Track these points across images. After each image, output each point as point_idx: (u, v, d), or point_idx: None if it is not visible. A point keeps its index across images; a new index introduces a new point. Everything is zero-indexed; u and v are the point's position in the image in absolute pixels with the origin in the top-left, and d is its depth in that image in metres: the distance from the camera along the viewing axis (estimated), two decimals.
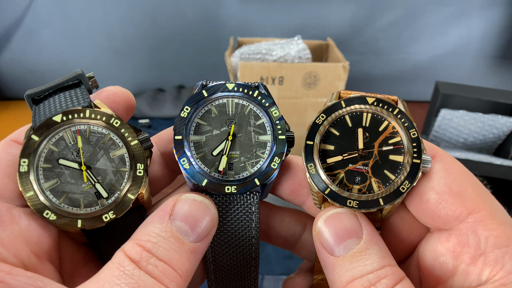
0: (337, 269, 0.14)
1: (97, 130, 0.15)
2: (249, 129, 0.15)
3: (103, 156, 0.15)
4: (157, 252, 0.13)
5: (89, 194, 0.14)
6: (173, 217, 0.14)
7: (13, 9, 0.78)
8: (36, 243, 0.14)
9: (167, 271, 0.13)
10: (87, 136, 0.15)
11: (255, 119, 0.16)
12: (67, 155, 0.14)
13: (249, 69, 0.53)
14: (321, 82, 0.56)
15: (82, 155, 0.14)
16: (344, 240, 0.14)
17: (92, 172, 0.14)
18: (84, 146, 0.15)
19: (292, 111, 0.59)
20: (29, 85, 0.90)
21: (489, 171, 0.49)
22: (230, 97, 0.16)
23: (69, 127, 0.15)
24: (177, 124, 0.16)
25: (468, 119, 0.55)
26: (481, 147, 0.57)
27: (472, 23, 0.77)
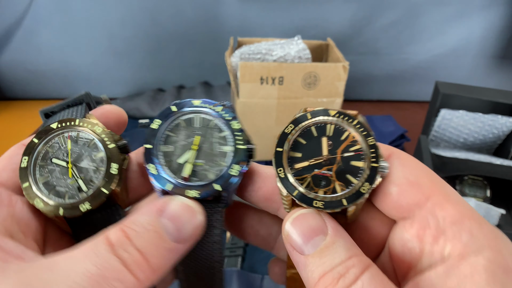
0: (309, 266, 0.15)
1: (84, 136, 0.18)
2: (212, 141, 0.17)
3: (87, 157, 0.18)
4: (136, 241, 0.14)
5: (73, 188, 0.17)
6: (163, 214, 0.15)
7: (13, 9, 0.78)
8: (26, 224, 0.16)
9: (140, 262, 0.14)
10: (75, 141, 0.18)
11: (218, 132, 0.17)
12: (59, 155, 0.18)
13: (249, 69, 0.53)
14: (321, 82, 0.56)
15: (70, 155, 0.17)
16: (312, 238, 0.15)
17: (77, 170, 0.17)
18: (72, 149, 0.18)
19: (292, 111, 0.58)
20: (29, 85, 0.91)
21: (489, 171, 0.49)
22: (197, 112, 0.17)
23: (62, 133, 0.18)
24: (148, 135, 0.17)
25: (468, 119, 0.55)
26: (481, 147, 0.57)
27: (472, 23, 0.77)
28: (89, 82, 0.90)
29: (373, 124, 0.77)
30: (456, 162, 0.51)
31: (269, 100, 0.56)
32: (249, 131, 0.67)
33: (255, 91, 0.55)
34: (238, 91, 0.56)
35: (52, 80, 0.89)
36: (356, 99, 0.92)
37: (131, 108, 0.81)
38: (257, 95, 0.55)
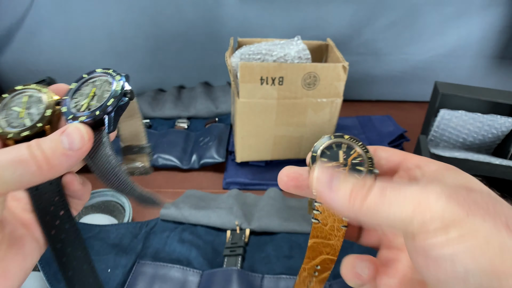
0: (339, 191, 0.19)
1: (36, 94, 0.26)
2: (103, 89, 0.26)
3: (35, 106, 0.26)
4: (44, 146, 0.22)
5: (22, 124, 0.25)
6: (63, 134, 0.23)
7: (14, 10, 0.78)
8: None
9: (42, 159, 0.21)
10: (31, 96, 0.26)
11: (109, 85, 0.27)
12: (18, 105, 0.26)
13: (249, 69, 0.53)
14: (321, 82, 0.56)
15: (25, 104, 0.26)
16: (333, 177, 0.20)
17: (27, 113, 0.26)
18: (27, 101, 0.26)
19: (292, 111, 0.59)
20: None
21: (488, 171, 0.49)
22: (98, 76, 0.27)
23: (23, 91, 0.27)
24: (67, 91, 0.27)
25: (467, 119, 0.55)
26: (480, 147, 0.58)
27: (471, 23, 0.77)
28: None
29: (372, 124, 0.77)
30: (455, 162, 0.51)
31: (269, 100, 0.56)
32: (249, 131, 0.67)
33: (255, 91, 0.55)
34: (238, 91, 0.56)
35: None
36: (356, 99, 0.92)
37: None
38: (257, 95, 0.55)
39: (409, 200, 0.17)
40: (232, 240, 0.48)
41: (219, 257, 0.47)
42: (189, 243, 0.48)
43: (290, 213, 0.53)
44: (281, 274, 0.43)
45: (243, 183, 0.62)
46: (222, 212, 0.52)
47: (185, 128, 0.77)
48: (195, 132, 0.76)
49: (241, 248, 0.47)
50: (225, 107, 0.81)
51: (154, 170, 0.67)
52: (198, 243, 0.48)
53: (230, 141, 0.72)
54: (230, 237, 0.49)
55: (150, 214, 0.56)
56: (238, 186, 0.62)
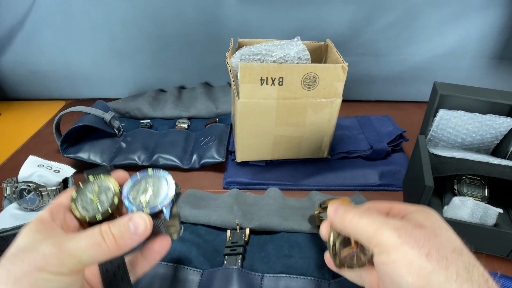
0: (339, 213, 0.31)
1: (105, 184, 0.33)
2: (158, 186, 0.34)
3: (104, 194, 0.32)
4: (113, 230, 0.28)
5: (95, 208, 0.31)
6: (130, 220, 0.29)
7: (15, 10, 0.78)
8: (69, 221, 0.31)
9: (111, 240, 0.27)
10: (100, 186, 0.33)
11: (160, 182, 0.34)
12: (91, 191, 0.33)
13: (249, 70, 0.53)
14: (320, 82, 0.56)
15: (96, 192, 0.32)
16: (338, 208, 0.31)
17: (98, 200, 0.32)
18: (98, 189, 0.33)
19: (291, 112, 0.59)
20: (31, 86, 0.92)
21: (487, 171, 0.50)
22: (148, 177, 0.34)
23: (94, 182, 0.33)
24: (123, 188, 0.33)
25: (466, 119, 0.55)
26: (479, 147, 0.58)
27: (470, 24, 0.77)
28: (90, 83, 0.90)
29: (371, 124, 0.78)
30: (454, 162, 0.52)
31: (269, 101, 0.57)
32: (249, 131, 0.67)
33: (255, 92, 0.55)
34: (238, 92, 0.56)
35: (54, 81, 0.89)
36: (355, 100, 0.92)
37: (132, 108, 0.82)
38: (257, 96, 0.56)
39: (374, 225, 0.27)
40: (233, 239, 0.49)
41: (219, 257, 0.47)
42: (189, 242, 0.48)
43: (290, 212, 0.53)
44: (281, 273, 0.44)
45: (243, 183, 0.63)
46: (223, 211, 0.52)
47: (186, 128, 0.78)
48: (196, 132, 0.76)
49: (241, 247, 0.47)
50: (225, 107, 0.82)
51: None
52: (198, 243, 0.49)
53: (230, 141, 0.72)
54: (230, 236, 0.49)
55: None
56: (238, 186, 0.63)
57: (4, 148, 0.75)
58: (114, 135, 0.73)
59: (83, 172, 0.34)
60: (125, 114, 0.83)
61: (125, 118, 0.83)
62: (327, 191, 0.61)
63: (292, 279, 0.43)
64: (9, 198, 0.56)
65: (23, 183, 0.54)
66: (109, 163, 0.66)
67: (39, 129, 0.82)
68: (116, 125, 0.73)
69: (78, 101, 0.92)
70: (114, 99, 0.88)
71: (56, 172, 0.57)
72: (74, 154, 0.66)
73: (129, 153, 0.68)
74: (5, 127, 0.84)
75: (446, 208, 0.51)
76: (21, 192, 0.54)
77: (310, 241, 0.48)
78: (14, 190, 0.54)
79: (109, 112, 0.72)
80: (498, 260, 0.49)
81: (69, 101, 0.93)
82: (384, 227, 0.26)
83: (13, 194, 0.54)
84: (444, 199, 0.55)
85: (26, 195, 0.54)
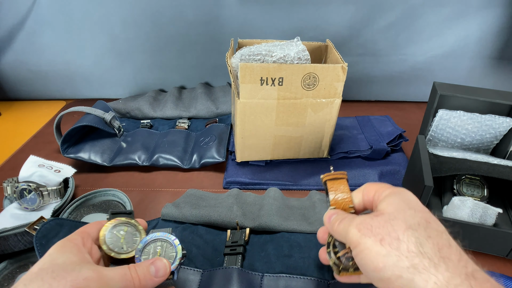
0: (332, 219, 0.34)
1: (131, 226, 0.38)
2: (167, 250, 0.37)
3: (131, 235, 0.37)
4: (138, 271, 0.32)
5: (121, 247, 0.35)
6: (152, 264, 0.33)
7: (15, 11, 0.78)
8: (97, 255, 0.34)
9: (137, 280, 0.31)
10: (129, 226, 0.37)
11: (170, 245, 0.38)
12: (119, 231, 0.37)
13: (249, 70, 0.53)
14: (320, 82, 0.56)
15: (125, 233, 0.37)
16: (331, 216, 0.34)
17: (125, 240, 0.36)
18: (127, 230, 0.37)
19: (291, 112, 0.59)
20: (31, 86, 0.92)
21: (486, 171, 0.50)
22: (157, 239, 0.38)
23: (124, 223, 0.37)
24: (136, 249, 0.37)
25: (465, 119, 0.55)
26: (478, 147, 0.58)
27: (469, 24, 0.78)
28: (91, 83, 0.90)
29: (371, 124, 0.78)
30: (453, 162, 0.52)
31: (269, 101, 0.57)
32: (249, 131, 0.67)
33: (255, 92, 0.55)
34: (238, 92, 0.57)
35: (54, 81, 0.89)
36: (355, 100, 0.92)
37: (133, 108, 0.82)
38: (257, 96, 0.56)
39: (346, 226, 0.31)
40: (233, 239, 0.49)
41: (219, 256, 0.47)
42: (189, 242, 0.49)
43: (290, 212, 0.54)
44: (280, 273, 0.44)
45: (243, 183, 0.63)
46: (223, 211, 0.52)
47: (186, 128, 0.78)
48: (196, 132, 0.76)
49: (241, 247, 0.47)
50: (225, 108, 0.82)
51: (155, 169, 0.68)
52: (198, 242, 0.49)
53: (231, 141, 0.72)
54: (230, 236, 0.50)
55: (151, 213, 0.57)
56: (238, 186, 0.63)
57: (4, 148, 0.75)
58: (115, 135, 0.73)
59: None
60: (125, 114, 0.83)
61: (126, 118, 0.83)
62: None
63: (292, 279, 0.43)
64: (9, 198, 0.56)
65: (24, 183, 0.54)
66: (110, 163, 0.66)
67: (40, 129, 0.82)
68: (116, 125, 0.73)
69: (79, 101, 0.93)
70: (114, 99, 0.89)
71: (56, 172, 0.57)
72: (75, 154, 0.66)
73: (129, 153, 0.68)
74: (5, 127, 0.84)
75: (445, 208, 0.51)
76: (21, 192, 0.54)
77: (310, 241, 0.48)
78: (15, 190, 0.54)
79: (110, 112, 0.72)
80: (497, 260, 0.49)
81: (69, 101, 0.93)
82: (350, 226, 0.30)
83: (13, 194, 0.54)
84: (444, 199, 0.55)
85: (27, 195, 0.54)
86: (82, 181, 0.64)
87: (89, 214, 0.55)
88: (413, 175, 0.55)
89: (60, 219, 0.46)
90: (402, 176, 0.64)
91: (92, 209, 0.56)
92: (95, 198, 0.57)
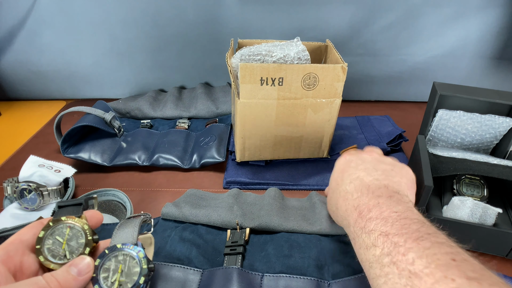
0: None
1: (77, 228, 0.32)
2: (129, 265, 0.32)
3: (75, 240, 0.32)
4: (55, 275, 0.29)
5: (62, 255, 0.31)
6: (71, 265, 0.30)
7: (15, 11, 0.78)
8: (29, 267, 0.30)
9: (54, 283, 0.28)
10: (72, 228, 0.32)
11: (132, 259, 0.32)
12: (61, 235, 0.31)
13: (249, 70, 0.53)
14: (320, 83, 0.56)
15: (66, 236, 0.31)
16: None
17: (67, 245, 0.31)
18: (69, 233, 0.31)
19: (291, 112, 0.59)
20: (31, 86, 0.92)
21: (486, 171, 0.50)
22: (119, 250, 0.33)
23: (66, 223, 0.32)
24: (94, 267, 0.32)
25: (465, 119, 0.55)
26: (478, 147, 0.58)
27: (469, 24, 0.78)
28: (91, 83, 0.91)
29: (371, 124, 0.78)
30: (453, 162, 0.52)
31: (269, 101, 0.57)
32: (249, 131, 0.68)
33: (255, 92, 0.55)
34: (238, 92, 0.57)
35: (54, 81, 0.90)
36: (355, 100, 0.92)
37: (133, 108, 0.82)
38: (257, 96, 0.56)
39: None
40: (233, 239, 0.49)
41: (219, 256, 0.47)
42: (189, 242, 0.49)
43: (290, 212, 0.54)
44: (280, 273, 0.44)
45: (243, 183, 0.63)
46: (223, 211, 0.52)
47: (186, 128, 0.78)
48: (196, 132, 0.77)
49: (241, 247, 0.47)
50: (225, 108, 0.82)
51: (155, 169, 0.68)
52: (198, 242, 0.49)
53: (231, 141, 0.72)
54: (230, 236, 0.50)
55: (151, 213, 0.57)
56: (238, 186, 0.63)
57: (4, 148, 0.75)
58: (115, 135, 0.73)
59: (58, 207, 0.33)
60: (125, 114, 0.83)
61: (126, 118, 0.83)
62: None
63: (292, 279, 0.43)
64: (9, 198, 0.56)
65: (24, 183, 0.54)
66: (110, 163, 0.67)
67: (40, 129, 0.82)
68: (116, 125, 0.73)
69: (79, 101, 0.93)
70: (114, 99, 0.89)
71: (56, 172, 0.57)
72: (75, 154, 0.66)
73: (129, 153, 0.68)
74: (5, 127, 0.84)
75: (445, 208, 0.51)
76: (21, 192, 0.54)
77: (310, 241, 0.49)
78: (15, 190, 0.54)
79: (110, 112, 0.73)
80: (497, 260, 0.49)
81: (69, 101, 0.94)
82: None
83: (13, 194, 0.54)
84: (444, 199, 0.55)
85: (27, 195, 0.55)
86: (82, 181, 0.64)
87: None
88: None
89: None
90: None
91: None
92: None
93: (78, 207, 0.33)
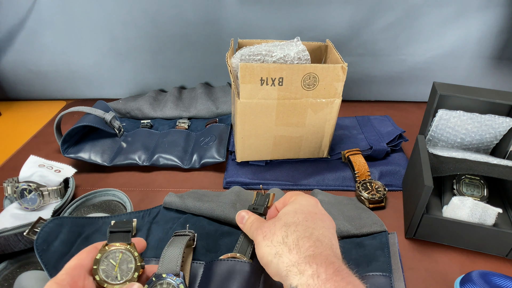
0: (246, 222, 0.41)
1: (128, 254, 0.36)
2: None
3: (126, 264, 0.35)
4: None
5: (114, 276, 0.34)
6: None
7: (16, 11, 0.78)
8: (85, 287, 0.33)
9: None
10: (124, 253, 0.36)
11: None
12: (114, 259, 0.35)
13: (249, 70, 0.53)
14: (320, 83, 0.56)
15: (119, 261, 0.35)
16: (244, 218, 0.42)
17: (119, 268, 0.35)
18: (121, 257, 0.35)
19: (291, 112, 0.59)
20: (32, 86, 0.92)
21: (486, 171, 0.50)
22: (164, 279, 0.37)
23: (119, 249, 0.36)
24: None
25: (465, 119, 0.55)
26: (478, 147, 0.58)
27: (469, 24, 0.78)
28: (91, 83, 0.91)
29: (371, 124, 0.78)
30: (453, 162, 0.52)
31: (269, 101, 0.57)
32: (249, 131, 0.67)
33: (255, 92, 0.55)
34: (238, 92, 0.57)
35: (54, 81, 0.90)
36: (355, 100, 0.92)
37: (133, 108, 0.82)
38: (257, 96, 0.56)
39: (252, 230, 0.39)
40: (257, 202, 0.47)
41: (221, 249, 0.47)
42: None
43: None
44: None
45: (244, 183, 0.63)
46: (226, 207, 0.52)
47: (186, 128, 0.78)
48: (196, 132, 0.77)
49: (263, 208, 0.45)
50: (225, 108, 0.82)
51: (155, 169, 0.68)
52: (201, 234, 0.49)
53: (231, 141, 0.72)
54: (256, 198, 0.48)
55: None
56: (238, 186, 0.63)
57: (4, 148, 0.75)
58: (115, 135, 0.73)
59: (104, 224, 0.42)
60: (125, 114, 0.83)
61: (126, 118, 0.83)
62: (327, 191, 0.61)
63: None
64: (10, 198, 0.56)
65: (24, 183, 0.54)
66: (110, 163, 0.67)
67: (40, 129, 0.82)
68: (116, 125, 0.73)
69: (79, 101, 0.93)
70: (114, 99, 0.89)
71: (57, 172, 0.57)
72: (75, 154, 0.66)
73: (129, 153, 0.68)
74: (5, 127, 0.84)
75: (445, 208, 0.51)
76: (22, 192, 0.54)
77: None
78: (15, 190, 0.54)
79: (110, 112, 0.73)
80: (497, 260, 0.49)
81: (69, 101, 0.94)
82: (252, 227, 0.39)
83: (14, 194, 0.54)
84: (444, 199, 0.55)
85: (27, 195, 0.55)
86: (82, 181, 0.64)
87: (90, 214, 0.55)
88: (413, 175, 0.55)
89: (60, 218, 0.46)
90: (402, 176, 0.64)
91: (92, 209, 0.56)
92: (95, 198, 0.57)
93: (128, 234, 0.38)
